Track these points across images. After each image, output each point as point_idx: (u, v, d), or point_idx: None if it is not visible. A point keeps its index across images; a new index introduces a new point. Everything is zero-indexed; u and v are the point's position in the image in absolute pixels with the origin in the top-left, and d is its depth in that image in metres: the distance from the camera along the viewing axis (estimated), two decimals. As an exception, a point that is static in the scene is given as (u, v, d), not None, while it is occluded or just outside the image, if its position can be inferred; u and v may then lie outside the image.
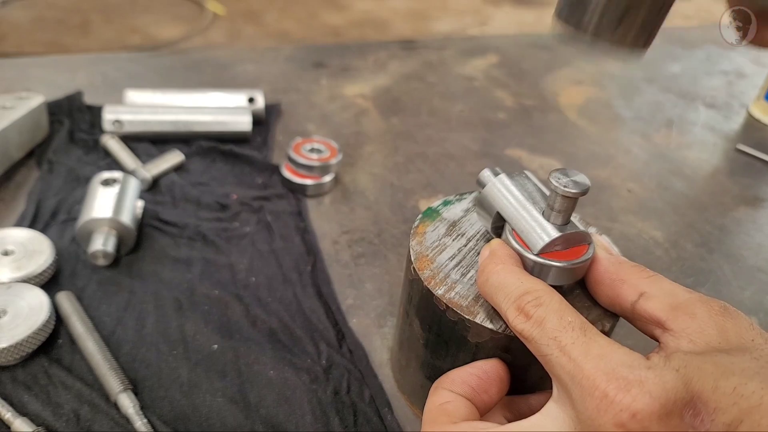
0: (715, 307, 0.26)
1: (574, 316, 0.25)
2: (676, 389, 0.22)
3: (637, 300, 0.27)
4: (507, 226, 0.31)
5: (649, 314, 0.27)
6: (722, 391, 0.22)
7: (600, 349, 0.24)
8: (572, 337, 0.24)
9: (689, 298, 0.26)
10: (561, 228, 0.29)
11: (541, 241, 0.29)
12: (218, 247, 0.50)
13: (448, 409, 0.29)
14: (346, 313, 0.45)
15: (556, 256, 0.29)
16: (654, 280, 0.28)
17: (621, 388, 0.22)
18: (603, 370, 0.23)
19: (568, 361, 0.24)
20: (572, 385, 0.24)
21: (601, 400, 0.22)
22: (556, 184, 0.28)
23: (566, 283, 0.29)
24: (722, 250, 0.56)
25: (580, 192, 0.28)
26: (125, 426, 0.36)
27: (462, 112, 0.77)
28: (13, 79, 0.71)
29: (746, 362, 0.23)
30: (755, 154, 0.73)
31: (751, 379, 0.22)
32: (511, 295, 0.27)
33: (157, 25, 2.73)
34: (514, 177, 0.32)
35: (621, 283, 0.28)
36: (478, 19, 3.07)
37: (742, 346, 0.24)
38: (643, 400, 0.21)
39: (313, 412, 0.38)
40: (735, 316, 0.25)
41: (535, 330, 0.26)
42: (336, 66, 0.85)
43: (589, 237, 0.30)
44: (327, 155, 0.58)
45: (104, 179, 0.50)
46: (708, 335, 0.25)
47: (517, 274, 0.28)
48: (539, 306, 0.26)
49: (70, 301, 0.42)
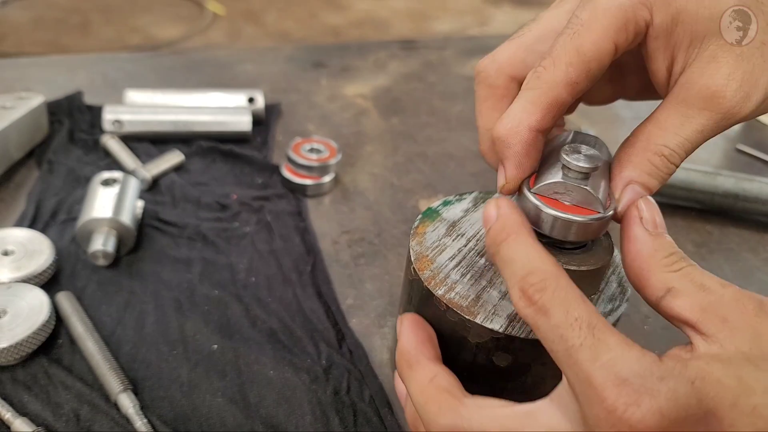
0: (749, 307, 0.23)
1: (581, 309, 0.23)
2: (688, 405, 0.21)
3: (663, 296, 0.25)
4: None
5: (676, 314, 0.24)
6: (741, 409, 0.21)
7: (610, 353, 0.22)
8: (580, 338, 0.23)
9: (721, 296, 0.24)
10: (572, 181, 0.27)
11: (543, 180, 0.28)
12: (218, 247, 0.50)
13: (442, 384, 0.28)
14: (346, 313, 0.45)
15: (557, 205, 0.27)
16: (685, 273, 0.25)
17: (630, 403, 0.21)
18: (612, 381, 0.21)
19: (575, 364, 0.22)
20: (579, 388, 0.22)
21: (609, 413, 0.21)
22: (568, 159, 0.27)
23: (564, 238, 0.28)
24: (722, 250, 0.56)
25: (591, 167, 0.27)
26: (125, 426, 0.36)
27: (462, 112, 0.77)
28: (13, 79, 0.71)
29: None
30: (755, 154, 0.73)
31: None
32: (517, 274, 0.25)
33: (157, 25, 2.73)
34: (580, 135, 0.31)
35: (648, 275, 0.26)
36: (478, 19, 3.07)
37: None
38: (653, 419, 0.20)
39: (313, 412, 0.38)
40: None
41: (539, 319, 0.24)
42: (336, 66, 0.85)
43: (601, 206, 0.28)
44: (326, 155, 0.58)
45: (104, 179, 0.50)
46: (739, 341, 0.22)
47: (526, 247, 0.26)
48: (543, 291, 0.24)
49: (70, 301, 0.42)
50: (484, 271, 0.31)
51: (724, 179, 0.58)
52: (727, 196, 0.58)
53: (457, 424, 0.26)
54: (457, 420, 0.26)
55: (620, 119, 0.79)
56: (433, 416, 0.27)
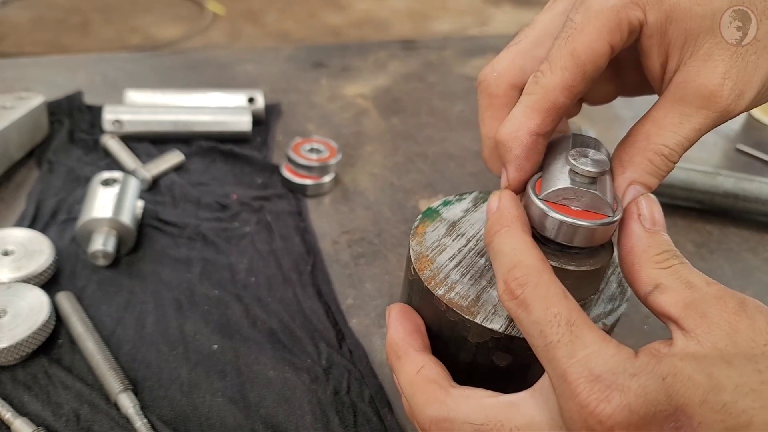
0: (730, 305, 0.24)
1: (561, 305, 0.24)
2: (657, 401, 0.21)
3: (651, 291, 0.26)
4: (537, 174, 0.30)
5: (661, 309, 0.25)
6: (710, 406, 0.21)
7: (585, 349, 0.23)
8: (558, 334, 0.23)
9: (705, 293, 0.24)
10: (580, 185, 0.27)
11: (551, 186, 0.28)
12: (218, 247, 0.50)
13: (429, 375, 0.28)
14: (346, 313, 0.45)
15: (566, 210, 0.28)
16: (674, 270, 0.26)
17: (602, 399, 0.22)
18: (585, 377, 0.22)
19: (552, 359, 0.23)
20: (556, 382, 0.23)
21: (581, 407, 0.22)
22: (576, 164, 0.27)
23: (570, 242, 0.28)
24: (722, 250, 0.56)
25: (600, 171, 0.27)
26: (125, 426, 0.36)
27: (462, 112, 0.77)
28: (13, 79, 0.71)
29: (746, 376, 0.22)
30: (755, 154, 0.73)
31: (744, 396, 0.21)
32: (503, 266, 0.26)
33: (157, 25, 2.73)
34: (579, 137, 0.31)
35: (639, 270, 0.26)
36: (478, 19, 3.07)
37: (750, 353, 0.22)
38: (621, 414, 0.21)
39: (313, 412, 0.38)
40: (752, 314, 0.24)
41: (521, 313, 0.25)
42: (336, 66, 0.85)
43: (611, 209, 0.28)
44: (326, 155, 0.58)
45: (104, 179, 0.50)
46: (716, 337, 0.23)
47: (515, 240, 0.27)
48: (524, 285, 0.25)
49: (70, 301, 0.42)
50: (484, 271, 0.31)
51: (723, 179, 0.58)
52: (727, 196, 0.58)
53: (443, 414, 0.27)
54: (443, 410, 0.27)
55: (620, 119, 0.79)
56: (420, 407, 0.28)
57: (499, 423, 0.25)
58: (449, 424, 0.27)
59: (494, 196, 0.29)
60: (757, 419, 0.21)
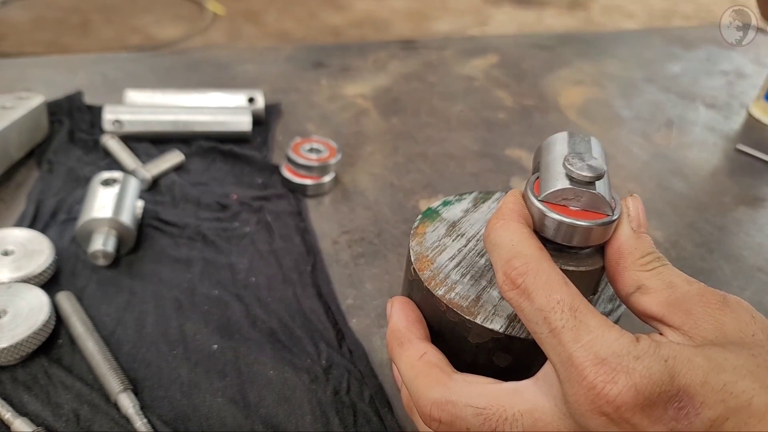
0: (712, 301, 0.25)
1: (563, 291, 0.24)
2: (661, 382, 0.22)
3: (633, 292, 0.26)
4: (534, 175, 0.30)
5: (644, 309, 0.26)
6: (711, 386, 0.22)
7: (590, 334, 0.23)
8: (562, 319, 0.24)
9: (687, 292, 0.25)
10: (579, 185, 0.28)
11: (550, 187, 0.28)
12: (218, 247, 0.50)
13: (432, 360, 0.28)
14: (346, 313, 0.45)
15: (565, 211, 0.28)
16: (657, 272, 0.26)
17: (608, 380, 0.22)
18: (591, 360, 0.22)
19: (557, 345, 0.24)
20: (561, 367, 0.24)
21: (589, 389, 0.22)
22: (571, 168, 0.27)
23: (570, 242, 0.28)
24: (722, 250, 0.56)
25: (594, 176, 0.27)
26: (125, 426, 0.36)
27: (462, 112, 0.77)
28: (13, 79, 0.71)
29: (741, 359, 0.22)
30: (755, 154, 0.73)
31: (743, 377, 0.22)
32: (502, 258, 0.26)
33: (157, 25, 2.73)
34: (574, 136, 0.31)
35: (622, 270, 0.27)
36: (478, 19, 3.07)
37: (741, 341, 0.23)
38: (628, 394, 0.22)
39: (313, 412, 0.38)
40: (735, 309, 0.25)
41: (523, 302, 0.25)
42: (336, 66, 0.85)
43: (610, 209, 0.28)
44: (326, 155, 0.58)
45: (104, 179, 0.50)
46: (704, 330, 0.24)
47: (514, 232, 0.27)
48: (525, 274, 0.25)
49: (70, 301, 0.42)
50: (484, 272, 0.31)
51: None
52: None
53: (446, 397, 0.27)
54: (446, 393, 0.27)
55: (620, 119, 0.79)
56: (422, 390, 0.28)
57: (502, 408, 0.26)
58: (451, 406, 0.26)
59: (506, 194, 0.30)
60: (757, 399, 0.21)
